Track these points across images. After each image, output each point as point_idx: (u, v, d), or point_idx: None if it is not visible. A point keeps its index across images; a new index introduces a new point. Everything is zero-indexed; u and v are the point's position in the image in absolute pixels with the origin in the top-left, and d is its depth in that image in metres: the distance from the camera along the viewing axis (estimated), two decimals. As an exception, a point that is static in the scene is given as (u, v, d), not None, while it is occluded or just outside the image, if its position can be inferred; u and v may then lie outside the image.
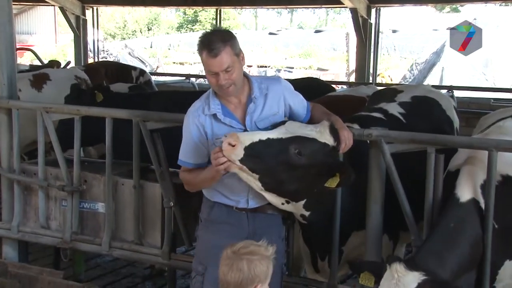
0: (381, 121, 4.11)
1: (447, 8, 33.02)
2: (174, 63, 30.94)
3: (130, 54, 26.23)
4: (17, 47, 6.28)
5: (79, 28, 14.21)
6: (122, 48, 28.38)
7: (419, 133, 3.65)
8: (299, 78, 10.25)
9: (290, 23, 47.94)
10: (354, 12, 11.57)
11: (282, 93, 3.27)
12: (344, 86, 11.43)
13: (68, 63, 11.06)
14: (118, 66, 10.87)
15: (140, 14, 40.10)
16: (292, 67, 28.23)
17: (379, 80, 16.42)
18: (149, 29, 41.55)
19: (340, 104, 4.99)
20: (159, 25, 42.35)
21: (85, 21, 14.37)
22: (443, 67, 21.20)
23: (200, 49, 3.03)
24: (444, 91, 8.02)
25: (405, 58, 29.24)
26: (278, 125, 3.11)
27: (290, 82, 3.42)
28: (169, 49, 34.82)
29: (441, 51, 22.03)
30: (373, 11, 11.94)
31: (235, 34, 3.17)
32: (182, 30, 42.68)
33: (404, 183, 3.52)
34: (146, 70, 12.74)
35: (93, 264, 5.78)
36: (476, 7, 23.60)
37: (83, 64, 12.81)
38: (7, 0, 4.93)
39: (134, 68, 10.07)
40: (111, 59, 21.63)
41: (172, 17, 44.75)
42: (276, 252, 2.73)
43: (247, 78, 3.22)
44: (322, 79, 11.31)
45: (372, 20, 11.94)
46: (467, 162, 3.35)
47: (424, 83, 18.62)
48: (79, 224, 4.75)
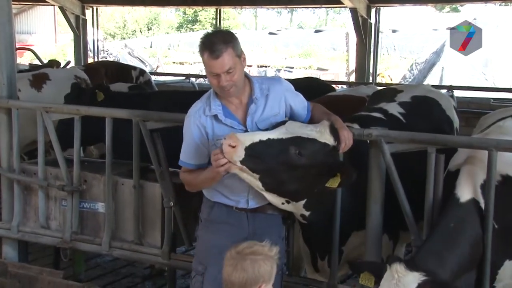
0: (381, 121, 4.11)
1: (447, 8, 33.02)
2: (174, 63, 30.91)
3: (130, 54, 26.21)
4: (16, 46, 6.28)
5: (78, 28, 14.21)
6: (122, 48, 28.33)
7: (419, 133, 3.65)
8: (299, 78, 10.23)
9: (290, 23, 47.90)
10: (354, 12, 11.58)
11: (283, 93, 3.27)
12: (344, 86, 11.41)
13: (68, 63, 11.05)
14: (118, 66, 10.86)
15: (140, 14, 40.07)
16: (292, 67, 28.19)
17: (379, 80, 16.41)
18: (149, 29, 41.52)
19: (340, 104, 4.98)
20: (159, 25, 42.31)
21: (85, 20, 14.37)
22: (443, 67, 21.18)
23: (202, 50, 3.02)
24: (444, 91, 8.02)
25: (405, 58, 29.21)
26: (278, 125, 3.11)
27: (290, 82, 3.41)
28: (169, 49, 34.79)
29: (441, 51, 22.01)
30: (373, 11, 11.94)
31: (235, 34, 3.16)
32: (182, 30, 42.64)
33: (404, 183, 3.52)
34: (146, 70, 12.73)
35: (93, 264, 5.78)
36: (476, 7, 23.57)
37: (83, 64, 12.81)
38: (6, 0, 4.93)
39: (134, 68, 10.07)
40: (111, 59, 21.61)
41: (172, 17, 44.70)
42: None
43: (248, 78, 3.21)
44: (322, 79, 11.30)
45: (372, 20, 11.94)
46: (467, 162, 3.35)
47: (424, 83, 18.60)
48: (79, 224, 4.75)
